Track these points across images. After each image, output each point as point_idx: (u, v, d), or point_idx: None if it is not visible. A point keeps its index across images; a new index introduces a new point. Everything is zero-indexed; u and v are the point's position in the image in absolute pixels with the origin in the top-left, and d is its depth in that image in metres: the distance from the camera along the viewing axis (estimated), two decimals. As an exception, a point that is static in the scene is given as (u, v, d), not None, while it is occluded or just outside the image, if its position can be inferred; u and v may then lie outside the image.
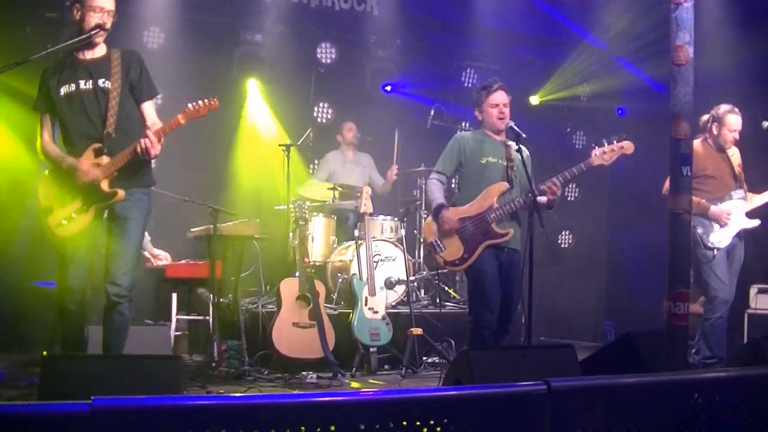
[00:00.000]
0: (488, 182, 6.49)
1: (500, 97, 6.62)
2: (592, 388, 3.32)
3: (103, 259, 5.47)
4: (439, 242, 6.47)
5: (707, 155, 7.49)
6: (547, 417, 3.16)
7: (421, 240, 9.55)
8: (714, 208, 7.34)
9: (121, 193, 5.39)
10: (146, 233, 7.49)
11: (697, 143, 7.47)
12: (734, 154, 7.60)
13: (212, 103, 5.47)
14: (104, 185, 5.37)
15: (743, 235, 7.48)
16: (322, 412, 2.99)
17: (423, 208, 9.65)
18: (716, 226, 7.35)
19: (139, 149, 5.29)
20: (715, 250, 7.33)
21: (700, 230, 7.33)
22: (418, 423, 2.92)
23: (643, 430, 3.45)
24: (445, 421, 2.98)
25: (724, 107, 7.54)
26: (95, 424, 2.60)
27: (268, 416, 2.90)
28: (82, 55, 5.54)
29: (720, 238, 7.35)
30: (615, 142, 6.52)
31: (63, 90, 5.45)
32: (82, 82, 5.45)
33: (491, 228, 6.40)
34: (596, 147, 6.51)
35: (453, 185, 7.50)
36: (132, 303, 5.50)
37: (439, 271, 8.20)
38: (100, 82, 5.45)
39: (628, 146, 6.52)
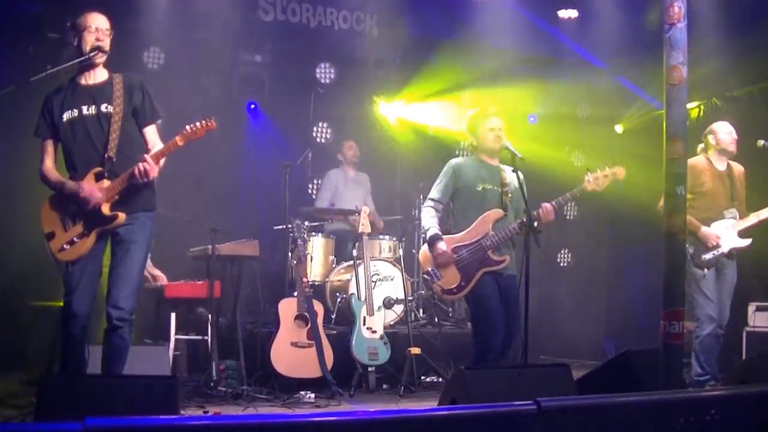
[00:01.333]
0: (484, 209, 6.54)
1: (496, 122, 6.68)
2: (582, 408, 3.34)
3: (106, 283, 5.49)
4: (435, 271, 6.49)
5: (704, 171, 7.55)
6: (539, 437, 3.18)
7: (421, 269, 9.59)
8: (704, 230, 7.40)
9: (121, 216, 5.43)
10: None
11: (697, 160, 7.60)
12: (738, 170, 7.68)
13: (209, 124, 5.50)
14: (105, 209, 5.41)
15: (735, 255, 7.51)
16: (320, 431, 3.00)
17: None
18: (707, 246, 7.40)
19: (137, 172, 5.33)
20: (706, 270, 7.38)
21: (691, 249, 7.37)
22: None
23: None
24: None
25: (716, 123, 7.72)
26: (88, 444, 2.62)
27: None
28: (84, 80, 5.60)
29: (710, 258, 7.40)
30: (607, 168, 6.57)
31: (66, 116, 5.49)
32: (84, 108, 5.51)
33: (487, 255, 6.45)
34: (589, 173, 6.56)
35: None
36: (133, 326, 5.49)
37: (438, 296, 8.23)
38: (103, 107, 5.50)
39: (620, 172, 6.59)
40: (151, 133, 5.70)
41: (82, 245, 5.44)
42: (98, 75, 5.63)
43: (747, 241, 7.48)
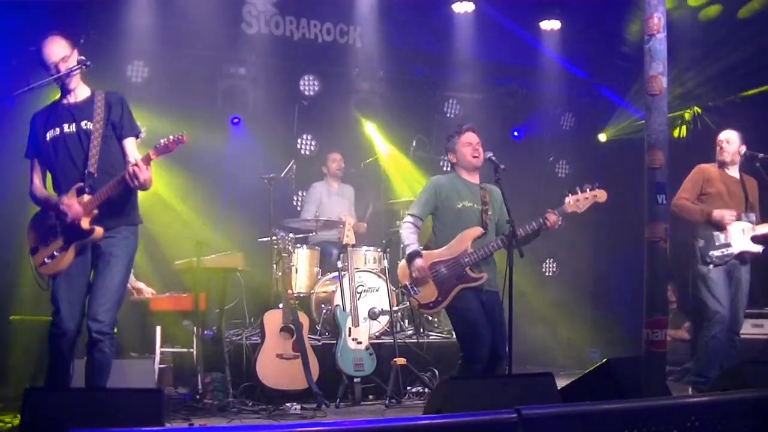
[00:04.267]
0: (463, 226, 6.58)
1: (472, 137, 6.74)
2: (563, 416, 3.36)
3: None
4: (413, 285, 6.56)
5: (715, 177, 7.65)
6: (520, 445, 3.21)
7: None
8: (717, 211, 7.40)
9: (99, 230, 5.46)
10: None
11: (709, 165, 7.76)
12: (750, 182, 7.74)
13: (181, 138, 5.47)
14: (84, 223, 5.42)
15: (749, 260, 7.54)
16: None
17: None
18: (717, 242, 7.40)
19: (127, 175, 5.34)
20: (711, 266, 7.38)
21: (701, 243, 7.42)
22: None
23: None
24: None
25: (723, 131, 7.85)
26: (71, 456, 2.62)
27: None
28: (66, 99, 5.65)
29: (720, 253, 7.41)
30: (588, 189, 6.59)
31: (49, 135, 5.56)
32: (65, 126, 5.56)
33: (465, 272, 6.48)
34: (569, 194, 6.58)
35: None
36: (114, 340, 5.50)
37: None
38: (83, 124, 5.54)
39: (600, 194, 6.61)
40: (130, 146, 5.70)
41: (62, 259, 5.46)
42: (80, 93, 5.68)
43: (759, 248, 7.49)
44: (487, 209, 6.66)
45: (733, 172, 7.72)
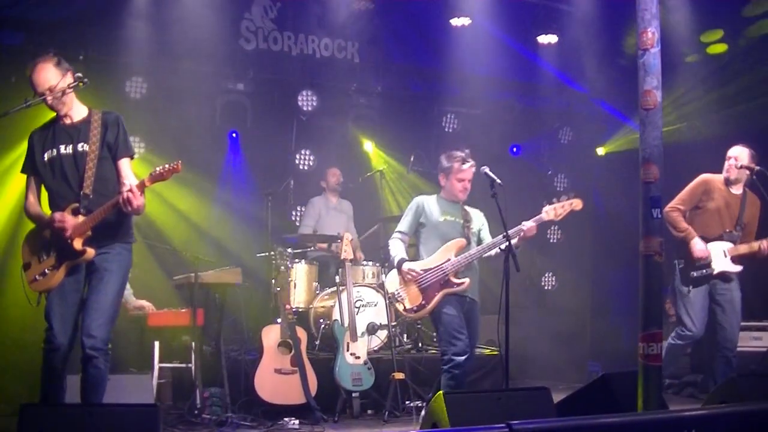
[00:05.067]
0: (447, 238, 6.94)
1: (469, 174, 6.98)
2: (554, 430, 3.37)
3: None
4: (399, 292, 6.91)
5: (718, 190, 7.68)
6: (511, 459, 3.21)
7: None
8: (695, 241, 7.46)
9: (90, 251, 5.51)
10: (128, 285, 7.52)
11: (715, 177, 7.77)
12: (753, 200, 7.75)
13: (175, 167, 5.49)
14: (77, 243, 5.48)
15: (735, 278, 7.58)
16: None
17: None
18: (698, 262, 7.46)
19: (121, 200, 5.38)
20: (691, 287, 7.45)
21: (681, 264, 7.47)
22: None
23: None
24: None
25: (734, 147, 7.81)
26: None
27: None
28: (63, 121, 5.68)
29: (697, 275, 7.47)
30: (565, 199, 6.71)
31: (46, 155, 5.62)
32: (62, 147, 5.61)
33: (449, 278, 6.82)
34: (546, 204, 6.73)
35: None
36: (108, 356, 5.50)
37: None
38: (80, 146, 5.60)
39: (576, 203, 6.80)
40: (125, 167, 5.74)
41: (53, 277, 5.51)
42: (76, 113, 5.72)
43: (738, 268, 7.56)
44: (469, 225, 7.01)
45: (737, 189, 7.73)
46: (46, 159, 5.62)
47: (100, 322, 5.41)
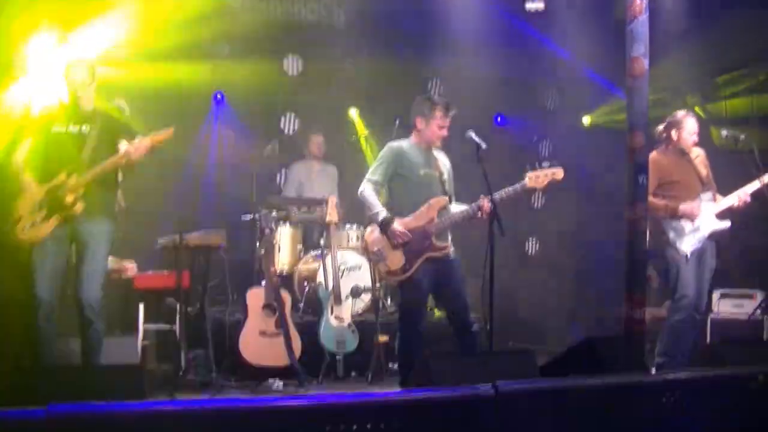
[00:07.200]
0: (426, 194, 6.65)
1: (447, 120, 6.75)
2: (540, 391, 3.41)
3: (72, 277, 6.04)
4: (382, 251, 6.65)
5: (670, 162, 7.54)
6: (497, 419, 3.24)
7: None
8: (683, 205, 7.37)
9: (80, 204, 5.92)
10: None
11: (658, 153, 7.56)
12: (698, 156, 7.65)
13: (166, 132, 6.16)
14: (69, 198, 5.88)
15: (714, 238, 7.55)
16: (285, 416, 3.05)
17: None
18: (687, 229, 7.42)
19: (123, 152, 5.97)
20: (688, 253, 7.39)
21: (671, 235, 7.41)
22: (368, 426, 2.99)
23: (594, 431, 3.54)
24: (396, 424, 3.05)
25: (680, 113, 7.67)
26: (51, 429, 2.65)
27: (231, 420, 2.95)
28: (73, 108, 6.22)
29: (692, 242, 7.43)
30: (547, 167, 6.62)
31: (55, 129, 6.14)
32: (71, 125, 6.15)
33: (432, 242, 6.56)
34: (529, 170, 6.61)
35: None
36: (103, 317, 6.01)
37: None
38: (84, 127, 6.13)
39: (558, 173, 6.63)
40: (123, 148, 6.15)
41: (42, 227, 5.91)
42: (89, 102, 6.27)
43: (726, 223, 7.48)
44: (444, 178, 6.74)
45: (686, 154, 7.67)
46: (53, 132, 6.11)
47: (93, 288, 5.94)
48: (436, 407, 3.21)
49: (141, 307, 7.82)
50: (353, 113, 11.46)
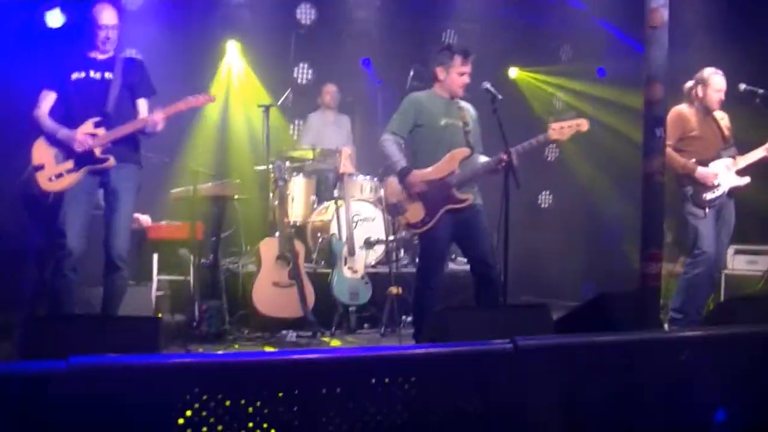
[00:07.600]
0: (447, 145, 6.47)
1: (468, 68, 6.56)
2: (558, 347, 3.40)
3: (101, 227, 6.09)
4: (401, 204, 6.49)
5: (693, 118, 7.48)
6: (514, 375, 3.24)
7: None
8: (700, 170, 7.30)
9: (112, 160, 6.01)
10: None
11: (683, 107, 7.50)
12: (723, 118, 7.60)
13: (209, 98, 6.46)
14: (97, 151, 5.96)
15: (733, 195, 7.50)
16: (301, 370, 3.04)
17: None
18: (706, 185, 7.38)
19: (149, 120, 6.05)
20: (707, 209, 7.34)
21: (690, 190, 7.36)
22: (387, 380, 2.99)
23: (612, 388, 3.53)
24: (413, 378, 3.05)
25: (708, 70, 7.53)
26: (73, 382, 2.65)
27: (247, 374, 2.96)
28: (94, 54, 6.21)
29: (711, 197, 7.38)
30: (571, 118, 6.48)
31: (74, 75, 6.11)
32: (92, 72, 6.13)
33: (452, 193, 6.38)
34: (553, 121, 6.47)
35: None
36: (128, 264, 6.13)
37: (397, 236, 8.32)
38: (107, 74, 6.13)
39: (582, 124, 6.35)
40: (143, 106, 6.28)
41: (69, 178, 5.98)
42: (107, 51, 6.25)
43: (746, 179, 7.42)
44: (468, 129, 6.56)
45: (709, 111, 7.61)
46: (73, 78, 6.09)
47: (123, 237, 6.07)
48: (453, 362, 3.21)
49: (155, 257, 7.85)
50: (367, 62, 11.38)
